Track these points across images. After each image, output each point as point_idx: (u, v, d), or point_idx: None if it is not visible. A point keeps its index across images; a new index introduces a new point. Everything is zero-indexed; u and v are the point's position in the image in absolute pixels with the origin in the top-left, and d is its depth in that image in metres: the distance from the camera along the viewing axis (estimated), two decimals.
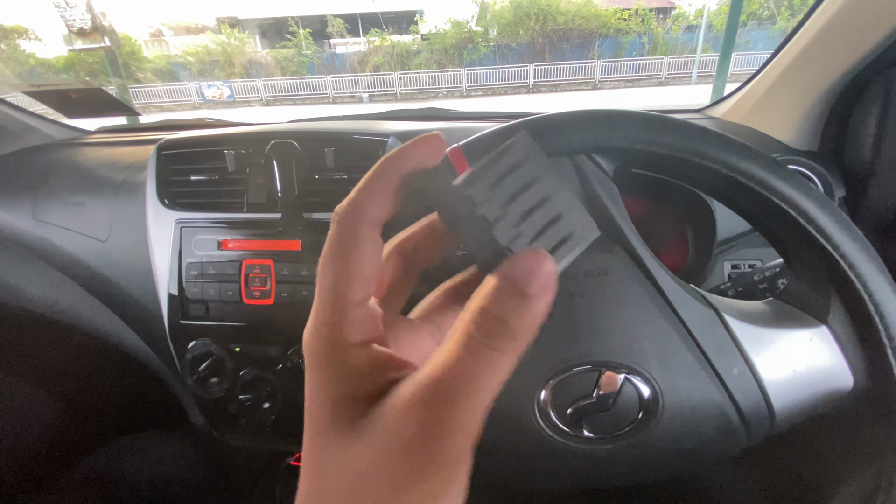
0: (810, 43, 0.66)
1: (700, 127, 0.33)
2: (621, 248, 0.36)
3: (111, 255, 0.71)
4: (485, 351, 0.15)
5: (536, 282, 0.16)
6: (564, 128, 0.34)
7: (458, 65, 15.89)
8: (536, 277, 0.16)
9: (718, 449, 0.34)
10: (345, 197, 0.57)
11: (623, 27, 15.52)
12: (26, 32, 16.14)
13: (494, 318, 0.15)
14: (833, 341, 0.33)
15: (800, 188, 0.31)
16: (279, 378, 0.65)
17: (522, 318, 0.15)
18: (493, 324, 0.15)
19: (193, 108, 14.32)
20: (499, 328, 0.15)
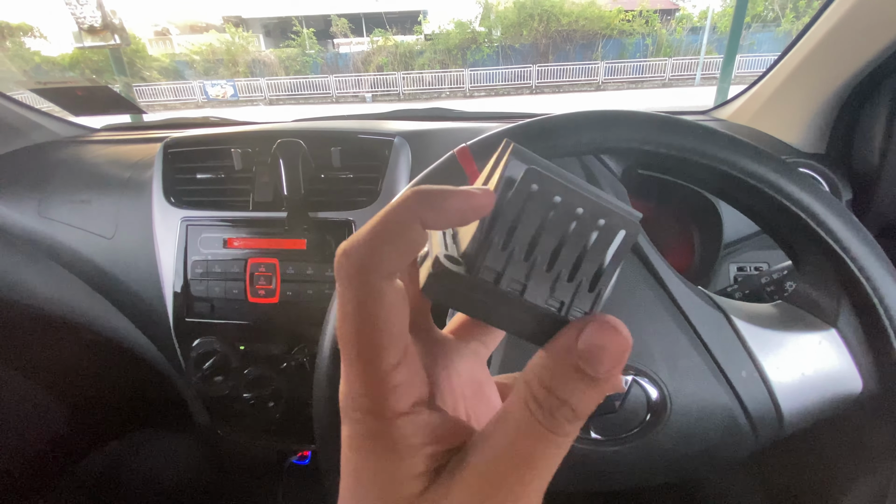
0: (818, 45, 0.66)
1: (709, 128, 0.33)
2: (630, 250, 0.36)
3: (117, 253, 0.71)
4: (545, 436, 0.13)
5: (609, 360, 0.13)
6: (574, 128, 0.34)
7: (461, 65, 15.90)
8: (609, 355, 0.13)
9: (726, 452, 0.34)
10: (351, 196, 0.57)
11: (627, 28, 15.50)
12: (31, 30, 16.21)
13: (558, 400, 0.13)
14: (842, 344, 0.33)
15: (810, 190, 0.31)
16: (284, 377, 0.65)
17: (589, 400, 0.13)
18: (555, 406, 0.13)
19: (197, 107, 14.36)
20: (563, 411, 0.13)
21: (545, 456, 0.13)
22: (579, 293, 0.14)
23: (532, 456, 0.13)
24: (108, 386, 0.77)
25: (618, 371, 0.14)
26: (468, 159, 0.35)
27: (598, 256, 0.14)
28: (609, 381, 0.13)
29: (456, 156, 0.35)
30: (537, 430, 0.13)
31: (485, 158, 0.35)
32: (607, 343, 0.13)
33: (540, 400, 0.13)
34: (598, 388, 0.13)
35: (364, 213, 0.60)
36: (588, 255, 0.14)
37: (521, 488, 0.13)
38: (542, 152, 0.35)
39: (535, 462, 0.13)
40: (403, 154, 0.63)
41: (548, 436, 0.13)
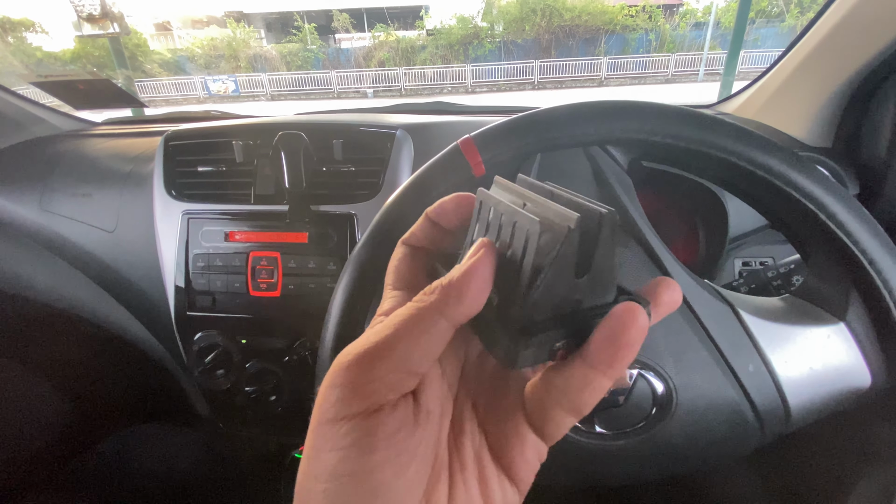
0: (825, 39, 0.65)
1: (717, 119, 0.32)
2: (636, 241, 0.35)
3: (118, 246, 0.71)
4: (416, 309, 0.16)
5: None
6: (579, 118, 0.33)
7: (463, 61, 15.82)
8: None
9: (732, 446, 0.34)
10: (353, 189, 0.58)
11: (630, 24, 15.39)
12: (33, 25, 16.18)
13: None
14: (851, 339, 0.32)
15: (820, 182, 0.31)
16: (285, 370, 0.64)
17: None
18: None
19: (199, 103, 14.32)
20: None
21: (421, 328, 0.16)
22: (524, 304, 0.16)
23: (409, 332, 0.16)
24: (109, 379, 0.77)
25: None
26: (472, 150, 0.34)
27: (527, 264, 0.16)
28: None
29: (459, 147, 0.35)
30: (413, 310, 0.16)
31: (489, 150, 0.35)
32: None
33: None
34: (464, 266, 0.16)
35: (366, 206, 0.60)
36: (522, 265, 0.16)
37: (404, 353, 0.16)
38: (546, 143, 0.34)
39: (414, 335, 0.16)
40: (406, 147, 0.62)
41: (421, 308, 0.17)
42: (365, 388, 0.15)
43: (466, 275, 0.16)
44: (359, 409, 0.15)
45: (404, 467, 0.16)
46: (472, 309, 0.16)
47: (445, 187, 0.35)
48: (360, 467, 0.15)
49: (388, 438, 0.15)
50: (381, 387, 0.15)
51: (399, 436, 0.16)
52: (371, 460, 0.15)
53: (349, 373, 0.15)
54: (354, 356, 0.16)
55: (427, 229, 0.21)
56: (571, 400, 0.17)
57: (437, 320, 0.16)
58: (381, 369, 0.15)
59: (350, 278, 0.34)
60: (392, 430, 0.15)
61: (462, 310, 0.16)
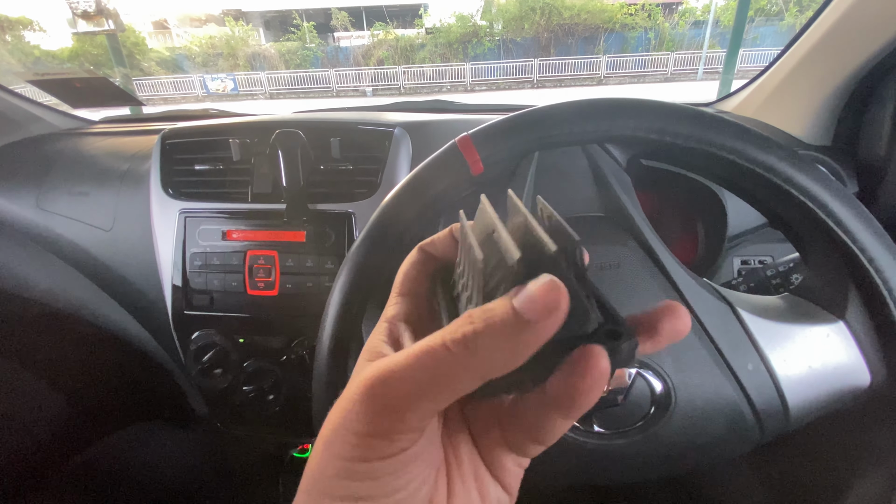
0: (824, 37, 0.65)
1: (717, 116, 0.32)
2: (634, 240, 0.35)
3: (115, 245, 0.70)
4: (443, 352, 0.14)
5: (536, 307, 0.14)
6: (577, 116, 0.33)
7: (462, 59, 15.81)
8: (538, 302, 0.14)
9: (731, 445, 0.34)
10: (351, 187, 0.57)
11: (629, 22, 15.39)
12: (31, 23, 16.13)
13: (469, 327, 0.14)
14: (850, 337, 0.32)
15: (820, 180, 0.30)
16: (283, 369, 0.64)
17: (498, 341, 0.14)
18: (463, 330, 0.14)
19: (197, 101, 14.31)
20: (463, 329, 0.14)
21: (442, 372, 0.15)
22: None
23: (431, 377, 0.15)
24: (106, 379, 0.77)
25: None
26: (470, 148, 0.34)
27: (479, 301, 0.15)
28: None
29: (457, 145, 0.35)
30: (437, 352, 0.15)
31: (486, 148, 0.34)
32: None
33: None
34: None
35: (364, 204, 0.60)
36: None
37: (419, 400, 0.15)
38: (544, 141, 0.34)
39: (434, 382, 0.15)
40: (404, 145, 0.62)
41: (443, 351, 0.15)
42: (394, 436, 0.15)
43: (505, 344, 0.14)
44: (386, 453, 0.15)
45: (421, 481, 0.16)
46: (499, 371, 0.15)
47: (443, 185, 0.35)
48: (380, 490, 0.15)
49: (408, 465, 0.16)
50: (409, 434, 0.15)
51: (417, 461, 0.16)
52: (392, 484, 0.15)
53: (379, 417, 0.15)
54: (378, 397, 0.15)
55: (447, 243, 0.21)
56: (534, 432, 0.17)
57: (473, 378, 0.14)
58: (411, 418, 0.15)
59: (347, 277, 0.34)
60: (412, 458, 0.16)
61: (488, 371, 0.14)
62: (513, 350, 0.13)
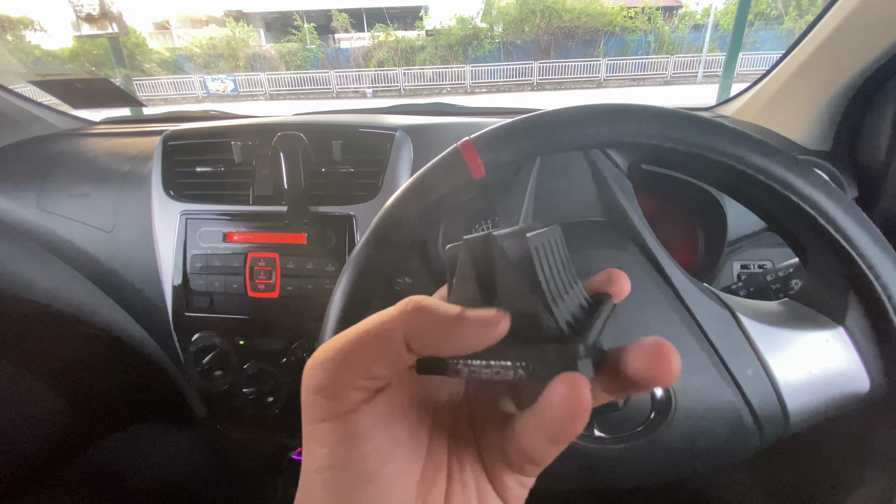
0: (824, 42, 0.65)
1: (716, 122, 0.32)
2: (635, 245, 0.35)
3: (116, 246, 0.70)
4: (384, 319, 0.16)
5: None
6: (578, 121, 0.33)
7: (462, 61, 15.83)
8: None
9: (731, 450, 0.34)
10: (352, 190, 0.57)
11: (629, 25, 15.42)
12: (32, 24, 16.14)
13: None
14: (850, 343, 0.32)
15: (820, 186, 0.31)
16: (283, 372, 0.64)
17: (434, 323, 0.16)
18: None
19: (197, 102, 14.31)
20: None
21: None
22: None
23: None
24: (106, 380, 0.77)
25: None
26: (472, 152, 0.34)
27: None
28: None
29: (459, 149, 0.35)
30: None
31: (489, 152, 0.34)
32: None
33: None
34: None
35: (365, 207, 0.60)
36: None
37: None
38: (546, 146, 0.34)
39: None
40: (405, 148, 0.62)
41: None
42: (336, 392, 0.16)
43: (449, 320, 0.16)
44: (334, 412, 0.16)
45: (389, 455, 0.17)
46: (435, 350, 0.16)
47: (445, 190, 0.35)
48: (347, 459, 0.16)
49: (367, 432, 0.16)
50: (349, 391, 0.16)
51: (376, 429, 0.17)
52: (356, 453, 0.16)
53: (323, 376, 0.16)
54: (325, 358, 0.16)
55: None
56: (528, 453, 0.17)
57: (399, 345, 0.16)
58: (347, 376, 0.16)
59: (349, 280, 0.34)
60: (369, 425, 0.17)
61: (425, 348, 0.16)
62: (442, 334, 0.16)
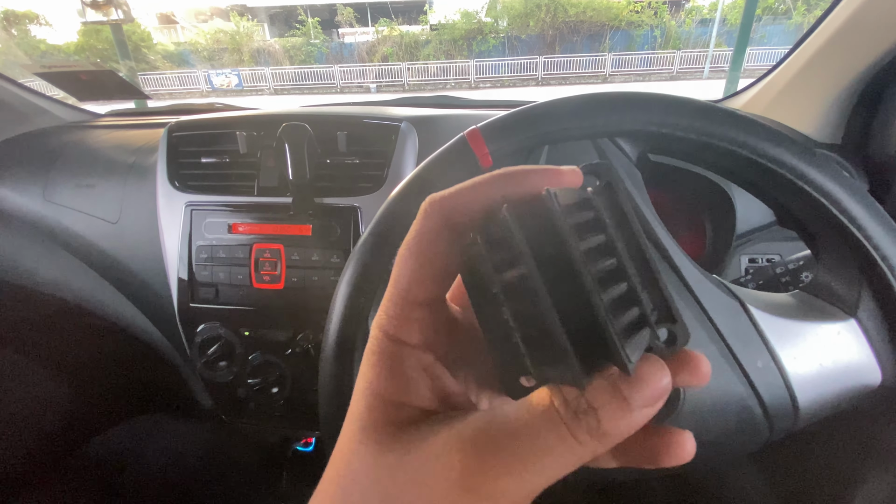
0: (834, 35, 0.64)
1: (728, 111, 0.32)
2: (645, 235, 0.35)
3: (121, 237, 0.70)
4: (561, 430, 0.13)
5: (646, 393, 0.13)
6: (588, 110, 0.33)
7: (466, 56, 15.76)
8: (648, 390, 0.13)
9: (739, 443, 0.34)
10: (357, 181, 0.57)
11: (635, 20, 15.29)
12: (37, 18, 16.17)
13: (586, 404, 0.13)
14: (862, 335, 0.32)
15: (833, 175, 0.30)
16: (288, 363, 0.64)
17: (616, 422, 0.13)
18: (582, 409, 0.13)
19: (202, 96, 14.34)
20: (588, 419, 0.13)
21: (555, 454, 0.13)
22: None
23: (542, 447, 0.13)
24: (112, 371, 0.78)
25: (653, 407, 0.13)
26: (479, 141, 0.34)
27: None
28: (645, 412, 0.13)
29: (466, 138, 0.34)
30: (556, 425, 0.13)
31: (495, 141, 0.34)
32: (651, 381, 0.13)
33: (569, 397, 0.13)
34: (630, 415, 0.13)
35: (370, 199, 0.59)
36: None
37: (520, 473, 0.13)
38: (555, 135, 0.34)
39: (543, 456, 0.13)
40: (410, 140, 0.62)
41: (566, 436, 0.13)
42: (497, 487, 0.14)
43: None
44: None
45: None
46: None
47: (451, 179, 0.35)
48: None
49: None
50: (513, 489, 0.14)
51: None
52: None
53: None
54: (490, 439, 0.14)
55: (477, 205, 0.19)
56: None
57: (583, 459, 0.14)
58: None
59: (354, 271, 0.34)
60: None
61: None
62: (625, 432, 0.13)
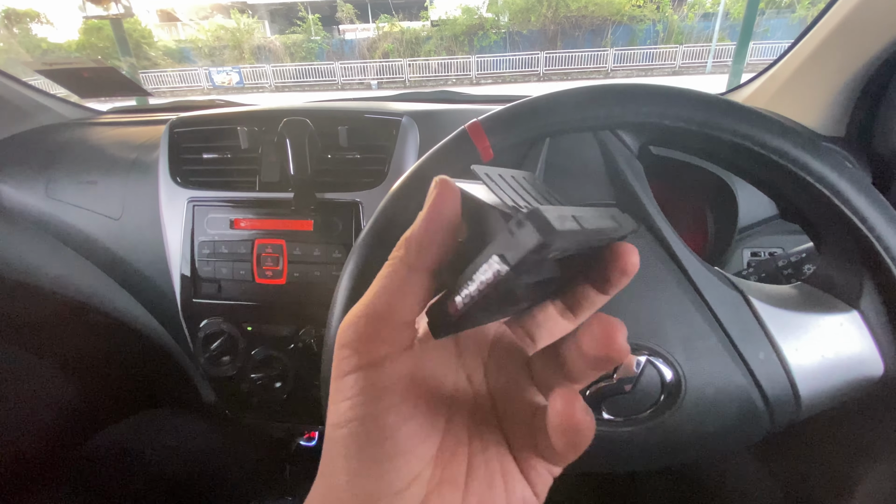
0: (837, 27, 0.63)
1: (730, 102, 0.31)
2: (646, 228, 0.35)
3: (124, 234, 0.71)
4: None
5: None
6: (589, 102, 0.33)
7: (468, 52, 15.71)
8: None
9: (741, 434, 0.34)
10: (358, 176, 0.58)
11: (637, 14, 15.20)
12: (38, 16, 16.18)
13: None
14: (864, 327, 0.32)
15: (835, 166, 0.30)
16: (291, 357, 0.65)
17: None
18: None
19: (203, 94, 14.34)
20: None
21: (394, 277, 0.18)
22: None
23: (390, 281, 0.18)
24: (116, 367, 0.78)
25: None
26: (480, 134, 0.34)
27: None
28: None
29: (467, 131, 0.34)
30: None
31: (496, 134, 0.34)
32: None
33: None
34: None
35: (371, 193, 0.59)
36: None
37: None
38: (556, 127, 0.34)
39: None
40: (411, 134, 0.61)
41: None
42: (366, 344, 0.17)
43: (421, 222, 0.18)
44: (362, 362, 0.17)
45: (408, 416, 0.18)
46: (432, 257, 0.18)
47: (452, 173, 0.35)
48: (367, 412, 0.17)
49: (389, 387, 0.17)
50: (379, 342, 0.18)
51: (398, 387, 0.18)
52: (376, 406, 0.17)
53: (353, 331, 0.18)
54: (354, 317, 0.18)
55: None
56: (567, 434, 0.16)
57: (408, 274, 0.18)
58: (376, 325, 0.18)
59: (355, 265, 0.34)
60: (391, 381, 0.18)
61: (424, 260, 0.18)
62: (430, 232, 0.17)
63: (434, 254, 0.18)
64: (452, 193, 0.18)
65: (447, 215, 0.18)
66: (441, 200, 0.18)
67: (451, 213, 0.18)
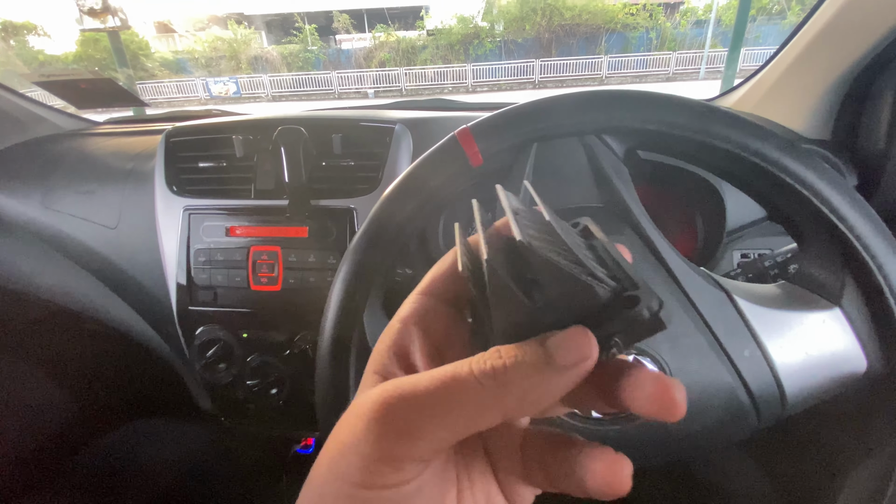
0: (822, 31, 0.65)
1: (712, 106, 0.32)
2: (632, 230, 0.36)
3: (120, 242, 0.71)
4: (462, 375, 0.14)
5: (563, 350, 0.14)
6: (575, 108, 0.34)
7: (463, 60, 15.82)
8: (564, 346, 0.14)
9: (728, 432, 0.34)
10: (352, 183, 0.59)
11: (631, 22, 15.37)
12: (35, 29, 16.24)
13: (496, 352, 0.14)
14: (847, 324, 0.32)
15: (814, 168, 0.31)
16: (287, 364, 0.65)
17: (521, 369, 0.14)
18: (489, 355, 0.14)
19: (200, 104, 14.38)
20: (492, 359, 0.14)
21: (459, 400, 0.14)
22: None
23: (446, 398, 0.14)
24: (111, 375, 0.78)
25: (568, 372, 0.14)
26: (469, 140, 0.35)
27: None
28: (556, 369, 0.14)
29: (456, 137, 0.35)
30: (459, 370, 0.14)
31: (485, 139, 0.35)
32: (571, 336, 0.14)
33: (484, 356, 0.14)
34: (541, 368, 0.14)
35: (366, 200, 0.60)
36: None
37: (429, 430, 0.14)
38: (543, 132, 0.35)
39: (451, 400, 0.14)
40: (405, 141, 0.62)
41: (467, 379, 0.14)
42: (400, 462, 0.14)
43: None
44: (386, 483, 0.14)
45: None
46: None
47: (442, 178, 0.35)
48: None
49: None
50: (415, 463, 0.15)
51: (416, 499, 0.15)
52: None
53: (388, 443, 0.14)
54: (400, 416, 0.14)
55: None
56: (554, 478, 0.16)
57: (494, 414, 0.14)
58: (424, 445, 0.14)
59: (347, 272, 0.35)
60: (412, 494, 0.15)
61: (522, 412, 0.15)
62: (543, 391, 0.14)
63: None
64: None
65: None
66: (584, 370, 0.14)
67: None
